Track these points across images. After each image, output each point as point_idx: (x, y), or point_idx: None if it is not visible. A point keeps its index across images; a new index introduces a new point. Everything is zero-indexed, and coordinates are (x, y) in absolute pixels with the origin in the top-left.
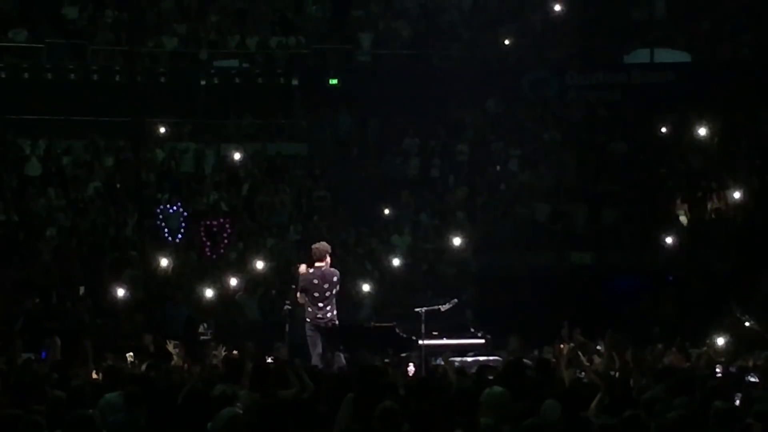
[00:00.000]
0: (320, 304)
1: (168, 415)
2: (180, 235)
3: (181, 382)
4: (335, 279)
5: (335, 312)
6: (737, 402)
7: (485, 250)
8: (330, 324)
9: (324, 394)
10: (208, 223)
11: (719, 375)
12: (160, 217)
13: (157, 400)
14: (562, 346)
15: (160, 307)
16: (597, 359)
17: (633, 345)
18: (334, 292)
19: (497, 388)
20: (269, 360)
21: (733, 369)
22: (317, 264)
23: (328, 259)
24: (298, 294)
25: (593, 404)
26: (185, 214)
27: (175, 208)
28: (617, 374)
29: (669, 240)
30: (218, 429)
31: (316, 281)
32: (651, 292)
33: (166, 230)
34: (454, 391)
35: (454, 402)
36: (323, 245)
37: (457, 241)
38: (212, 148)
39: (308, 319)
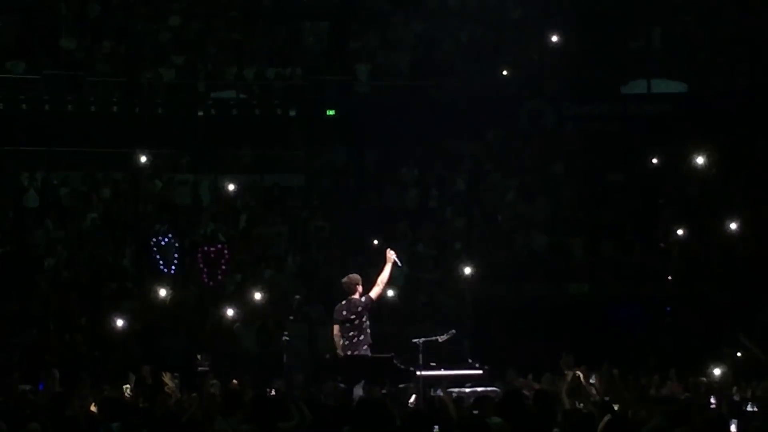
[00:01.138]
0: (350, 334)
1: None
2: (174, 267)
3: (179, 413)
4: (359, 308)
5: (367, 340)
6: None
7: (483, 281)
8: (360, 351)
9: (323, 426)
10: (206, 249)
11: (715, 405)
12: (155, 249)
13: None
14: (566, 374)
15: (158, 338)
16: (594, 390)
17: (631, 375)
18: (363, 319)
19: (496, 419)
20: (269, 391)
21: (735, 398)
22: (350, 297)
23: (359, 289)
24: (335, 329)
25: (601, 426)
26: (177, 245)
27: (167, 239)
28: (614, 404)
29: (667, 269)
30: None
31: (344, 312)
32: (649, 322)
33: (160, 262)
34: (452, 422)
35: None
36: (351, 278)
37: (467, 270)
38: (209, 179)
39: (340, 353)
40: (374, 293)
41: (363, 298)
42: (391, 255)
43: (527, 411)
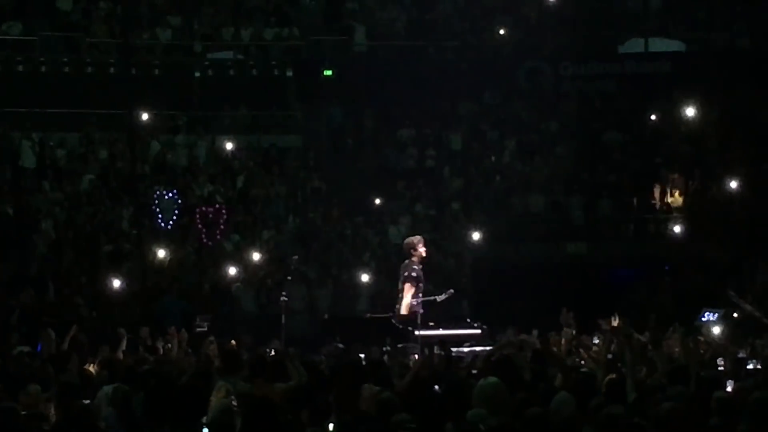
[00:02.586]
0: (399, 296)
1: (164, 408)
2: (172, 222)
3: (177, 375)
4: (404, 273)
5: (401, 304)
6: (729, 389)
7: (481, 241)
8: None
9: (320, 386)
10: (204, 209)
11: (719, 364)
12: (156, 202)
13: (153, 393)
14: (563, 331)
15: (157, 300)
16: (596, 348)
17: (631, 333)
18: (403, 284)
19: (491, 379)
20: (268, 352)
21: (741, 355)
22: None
23: (415, 252)
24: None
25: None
26: (179, 201)
27: (170, 194)
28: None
29: (665, 229)
30: (211, 421)
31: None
32: (647, 281)
33: (159, 216)
34: (448, 381)
35: (449, 392)
36: (406, 241)
37: (475, 235)
38: (207, 139)
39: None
40: (408, 301)
41: (405, 264)
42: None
43: (525, 370)
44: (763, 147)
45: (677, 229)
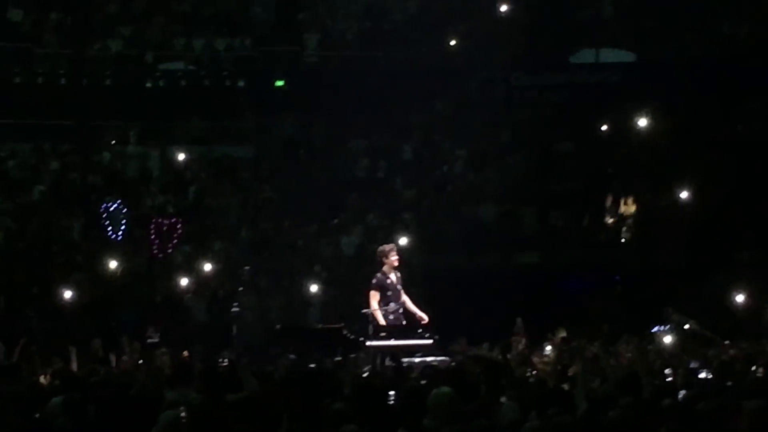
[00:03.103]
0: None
1: (114, 419)
2: (121, 233)
3: (128, 386)
4: (372, 281)
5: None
6: (681, 398)
7: (432, 251)
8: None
9: (271, 396)
10: (159, 221)
11: (671, 373)
12: (104, 215)
13: (104, 404)
14: (514, 339)
15: (109, 311)
16: (547, 359)
17: (582, 343)
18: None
19: (444, 389)
20: (221, 362)
21: (693, 365)
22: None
23: (386, 261)
24: None
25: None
26: (125, 210)
27: (116, 205)
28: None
29: (617, 238)
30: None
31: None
32: (599, 290)
33: (109, 228)
34: (400, 392)
35: (400, 403)
36: (378, 249)
37: (403, 240)
38: (159, 150)
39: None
40: (372, 306)
41: (375, 280)
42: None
43: (476, 380)
44: (714, 156)
45: (629, 238)
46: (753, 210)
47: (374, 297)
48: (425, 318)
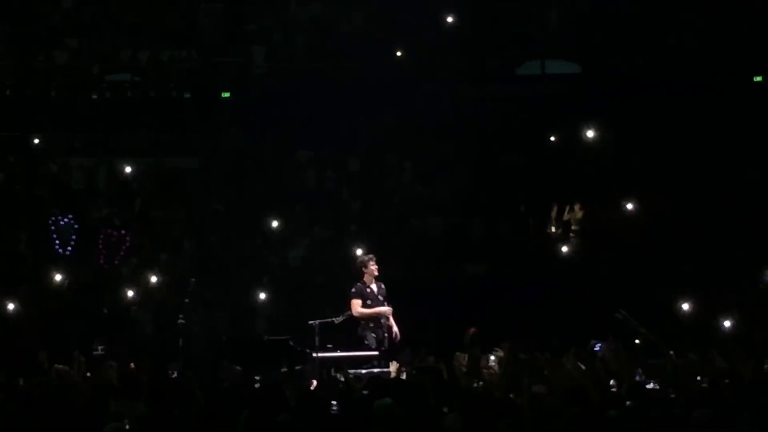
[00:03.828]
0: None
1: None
2: (70, 248)
3: (75, 398)
4: (352, 290)
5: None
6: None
7: (379, 263)
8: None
9: (217, 409)
10: (109, 232)
11: (615, 384)
12: (52, 228)
13: (51, 416)
14: (459, 354)
15: (55, 323)
16: (492, 370)
17: (529, 354)
18: (348, 304)
19: (387, 400)
20: (171, 374)
21: (638, 377)
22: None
23: (365, 270)
24: None
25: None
26: (76, 226)
27: (66, 219)
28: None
29: (563, 250)
30: None
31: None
32: (547, 301)
33: (57, 242)
34: (346, 403)
35: (346, 414)
36: (358, 260)
37: (359, 251)
38: (105, 162)
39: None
40: (356, 311)
41: (354, 289)
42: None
43: (420, 391)
44: (659, 168)
45: (575, 249)
46: (698, 221)
47: (356, 304)
48: (398, 335)
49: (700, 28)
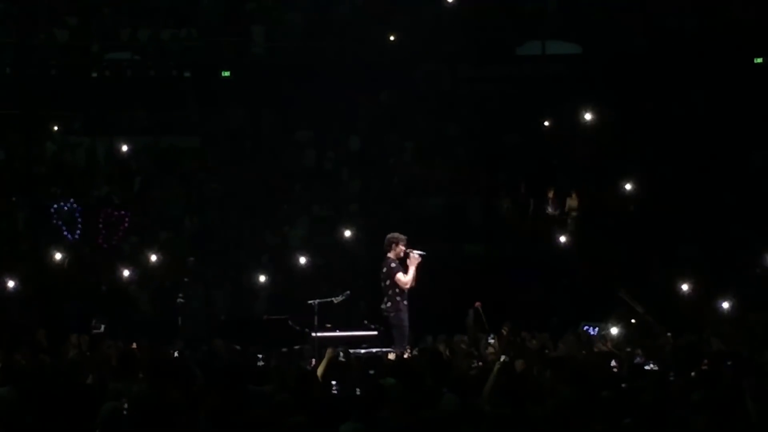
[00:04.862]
0: (382, 295)
1: (59, 411)
2: (79, 232)
3: (74, 377)
4: (384, 270)
5: (389, 304)
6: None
7: (379, 242)
8: (384, 315)
9: (218, 387)
10: (108, 211)
11: (616, 365)
12: (55, 215)
13: (49, 395)
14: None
15: (54, 301)
16: (492, 349)
17: (528, 334)
18: (387, 283)
19: (390, 380)
20: (173, 353)
21: (638, 359)
22: (386, 256)
23: (395, 248)
24: None
25: (486, 388)
26: (80, 209)
27: (69, 204)
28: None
29: (562, 230)
30: (100, 423)
31: (380, 272)
32: (545, 282)
33: (63, 228)
34: (348, 382)
35: (348, 393)
36: (388, 236)
37: (347, 233)
38: (104, 141)
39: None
40: (403, 277)
41: (392, 264)
42: (414, 257)
43: (420, 372)
44: (659, 149)
45: (573, 230)
46: (697, 203)
47: (402, 276)
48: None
49: (700, 9)
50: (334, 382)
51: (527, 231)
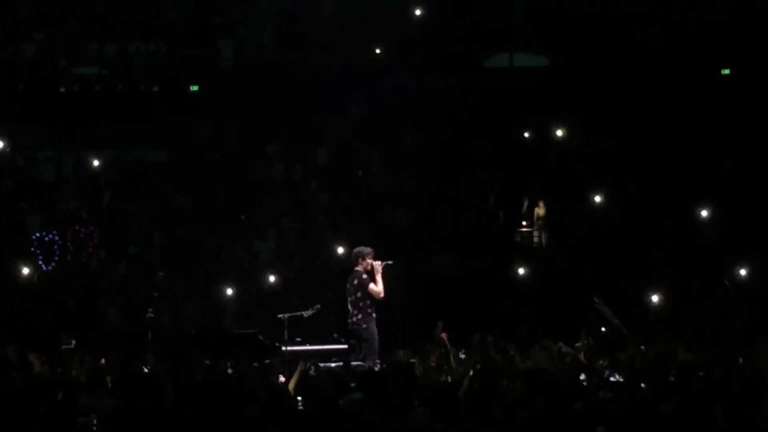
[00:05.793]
0: (349, 308)
1: (29, 427)
2: (54, 263)
3: (43, 393)
4: (355, 282)
5: (359, 316)
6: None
7: (347, 255)
8: (354, 328)
9: (186, 402)
10: (77, 228)
11: (585, 378)
12: (36, 243)
13: (18, 411)
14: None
15: (23, 316)
16: (461, 362)
17: (498, 346)
18: (358, 295)
19: (357, 395)
20: (143, 368)
21: (606, 372)
22: (354, 269)
23: (362, 262)
24: None
25: (464, 383)
26: (60, 242)
27: (51, 236)
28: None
29: (531, 242)
30: None
31: (347, 285)
32: (514, 294)
33: (40, 258)
34: (316, 397)
35: (315, 408)
36: (356, 250)
37: (341, 249)
38: (72, 155)
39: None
40: (375, 287)
41: (364, 275)
42: (378, 267)
43: (388, 385)
44: (628, 160)
45: (543, 242)
46: (665, 213)
47: (373, 287)
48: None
49: (667, 21)
50: (299, 398)
51: (496, 242)
